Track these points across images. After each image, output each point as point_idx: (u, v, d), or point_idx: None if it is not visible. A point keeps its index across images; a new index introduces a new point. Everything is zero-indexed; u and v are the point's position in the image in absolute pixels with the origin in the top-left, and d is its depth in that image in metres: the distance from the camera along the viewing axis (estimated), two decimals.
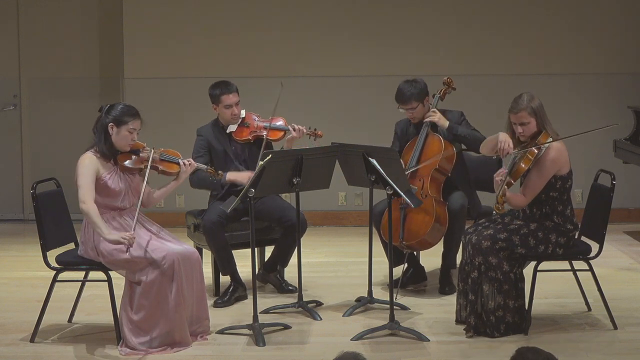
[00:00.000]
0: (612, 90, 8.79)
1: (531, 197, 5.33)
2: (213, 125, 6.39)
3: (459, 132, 6.23)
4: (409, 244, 6.10)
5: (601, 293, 5.53)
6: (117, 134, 5.27)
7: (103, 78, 9.19)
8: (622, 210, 8.72)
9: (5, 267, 7.39)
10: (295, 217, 6.01)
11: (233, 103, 6.28)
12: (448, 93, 6.49)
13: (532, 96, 5.38)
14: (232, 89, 6.30)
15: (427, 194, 6.13)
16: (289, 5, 8.80)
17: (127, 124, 5.27)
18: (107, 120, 5.28)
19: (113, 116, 5.28)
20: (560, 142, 5.35)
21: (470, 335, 5.35)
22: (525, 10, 8.76)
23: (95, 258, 5.26)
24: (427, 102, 6.35)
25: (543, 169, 5.29)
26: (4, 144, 9.26)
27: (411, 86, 6.29)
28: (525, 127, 5.34)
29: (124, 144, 5.30)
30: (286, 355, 5.18)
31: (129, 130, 5.28)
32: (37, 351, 5.27)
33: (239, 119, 6.33)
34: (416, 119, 6.36)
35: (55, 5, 9.12)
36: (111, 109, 5.32)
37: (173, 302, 5.15)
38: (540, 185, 5.31)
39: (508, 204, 5.28)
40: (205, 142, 6.33)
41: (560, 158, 5.32)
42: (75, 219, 5.78)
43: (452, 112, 6.38)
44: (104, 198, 5.26)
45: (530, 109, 5.31)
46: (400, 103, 6.33)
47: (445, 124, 6.25)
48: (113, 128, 5.27)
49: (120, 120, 5.27)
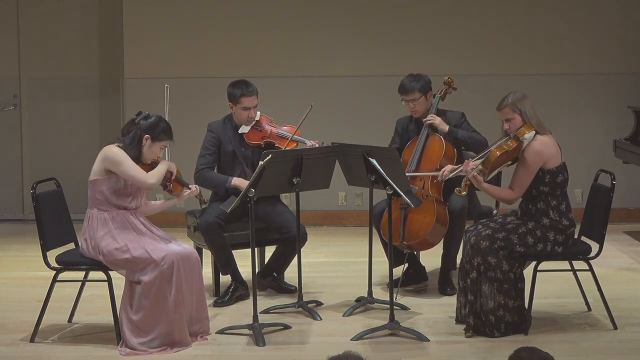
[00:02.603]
0: (612, 90, 8.79)
1: (519, 191, 5.37)
2: (225, 122, 6.33)
3: (459, 136, 6.22)
4: (410, 244, 6.10)
5: (601, 293, 5.53)
6: (150, 147, 5.31)
7: (103, 78, 9.19)
8: (622, 210, 8.72)
9: (5, 267, 7.39)
10: (295, 229, 6.00)
11: (252, 106, 6.23)
12: (449, 93, 6.48)
13: (520, 94, 5.47)
14: (252, 92, 6.22)
15: (428, 195, 6.13)
16: (289, 5, 8.80)
17: (162, 141, 5.34)
18: (144, 129, 5.28)
19: (153, 130, 5.30)
20: (547, 135, 5.41)
21: (470, 335, 5.35)
22: (525, 10, 8.76)
23: (96, 257, 5.26)
24: (430, 97, 6.34)
25: (526, 162, 5.35)
26: (4, 144, 9.26)
27: (415, 78, 6.30)
28: (510, 122, 5.44)
29: (149, 158, 5.35)
30: (286, 355, 5.18)
31: (160, 148, 5.36)
32: (37, 351, 5.27)
33: (253, 121, 6.30)
34: (418, 112, 6.33)
35: (55, 5, 9.12)
36: (149, 119, 5.32)
37: (172, 303, 5.15)
38: (527, 178, 5.34)
39: (495, 198, 5.47)
40: (216, 139, 6.29)
41: (545, 151, 5.35)
42: (75, 219, 5.78)
43: (452, 113, 6.37)
44: (116, 196, 5.28)
45: (514, 106, 5.42)
46: (402, 94, 6.32)
47: (445, 128, 6.24)
48: (148, 140, 5.29)
49: (158, 137, 5.32)
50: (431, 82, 6.36)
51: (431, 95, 6.35)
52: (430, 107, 6.33)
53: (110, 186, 5.26)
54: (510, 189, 5.42)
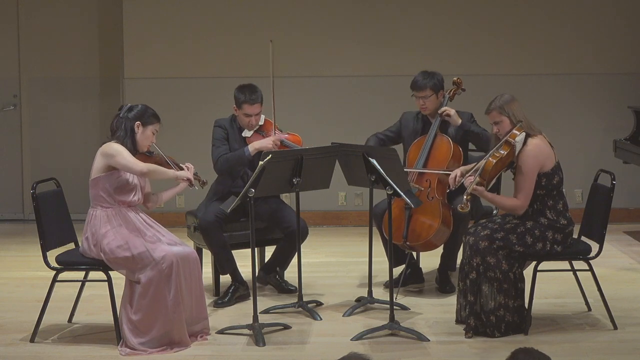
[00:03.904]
0: (612, 90, 8.79)
1: (524, 198, 5.35)
2: (231, 122, 6.32)
3: (472, 128, 6.22)
4: (413, 245, 6.10)
5: (601, 293, 5.53)
6: (143, 133, 5.36)
7: (103, 78, 9.19)
8: (622, 210, 8.72)
9: (5, 267, 7.39)
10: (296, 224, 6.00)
11: (253, 114, 6.21)
12: (458, 94, 6.46)
13: (508, 97, 5.48)
14: (255, 100, 6.18)
15: (434, 196, 6.11)
16: (288, 5, 8.80)
17: (152, 124, 5.39)
18: (133, 118, 5.35)
19: (142, 117, 5.36)
20: (538, 136, 5.41)
21: (470, 336, 5.35)
22: (525, 10, 8.76)
23: (97, 256, 5.27)
24: (441, 96, 6.34)
25: (524, 169, 5.35)
26: (4, 144, 9.26)
27: (428, 75, 6.30)
28: (499, 125, 5.45)
29: (145, 144, 5.39)
30: (286, 355, 5.18)
31: (152, 132, 5.40)
32: (37, 351, 5.26)
33: (257, 126, 6.29)
34: (427, 109, 6.32)
35: (55, 5, 9.12)
36: (134, 109, 5.40)
37: (171, 302, 5.15)
38: (528, 184, 5.34)
39: (501, 209, 5.39)
40: (226, 133, 6.27)
41: (541, 153, 5.36)
42: (75, 219, 5.79)
43: (462, 114, 6.36)
44: (118, 192, 5.29)
45: (501, 109, 5.43)
46: (414, 89, 6.31)
47: (459, 121, 6.23)
48: (139, 127, 5.35)
49: (147, 121, 5.37)
50: (444, 81, 6.35)
51: (442, 94, 6.35)
52: (439, 106, 6.33)
53: (112, 182, 5.29)
54: (515, 197, 5.39)
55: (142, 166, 5.29)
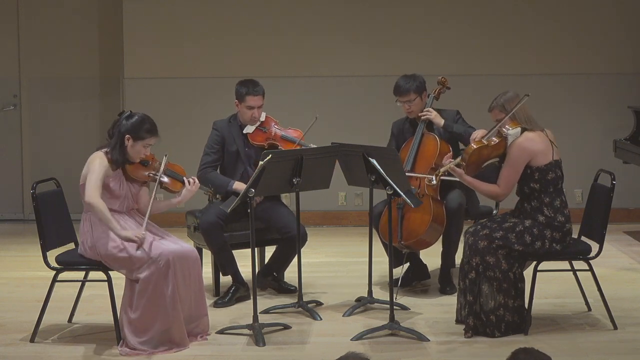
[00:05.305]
0: (612, 90, 8.79)
1: (504, 187, 5.37)
2: (231, 121, 6.34)
3: (455, 129, 6.23)
4: (407, 244, 6.10)
5: (601, 293, 5.53)
6: (132, 147, 5.28)
7: (103, 78, 9.19)
8: (622, 210, 8.72)
9: (5, 267, 7.39)
10: (296, 229, 5.99)
11: (256, 106, 6.23)
12: (442, 92, 6.49)
13: (512, 94, 5.49)
14: (258, 92, 6.24)
15: (425, 193, 6.12)
16: (288, 5, 8.80)
17: (144, 139, 5.29)
18: (124, 131, 5.26)
19: (134, 131, 5.26)
20: (536, 132, 5.41)
21: (469, 336, 5.35)
22: (525, 10, 8.76)
23: (95, 257, 5.27)
24: (425, 97, 6.36)
25: (510, 157, 5.36)
26: (4, 144, 9.26)
27: (409, 79, 6.31)
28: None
29: (136, 157, 5.33)
30: (286, 355, 5.18)
31: (144, 145, 5.30)
32: (37, 351, 5.26)
33: (258, 121, 6.30)
34: (413, 113, 6.34)
35: (55, 5, 9.12)
36: (131, 119, 5.29)
37: (169, 300, 5.15)
38: (512, 174, 5.35)
39: (480, 193, 5.52)
40: (220, 138, 6.29)
41: (531, 147, 5.35)
42: (75, 219, 5.77)
43: (447, 112, 6.38)
44: (105, 199, 5.26)
45: (502, 107, 5.45)
46: (398, 95, 6.33)
47: (441, 122, 6.25)
48: (129, 140, 5.26)
49: (139, 135, 5.27)
50: (425, 82, 6.37)
51: (426, 95, 6.36)
52: (424, 106, 6.35)
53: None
54: (497, 184, 5.43)
55: (89, 199, 5.15)
